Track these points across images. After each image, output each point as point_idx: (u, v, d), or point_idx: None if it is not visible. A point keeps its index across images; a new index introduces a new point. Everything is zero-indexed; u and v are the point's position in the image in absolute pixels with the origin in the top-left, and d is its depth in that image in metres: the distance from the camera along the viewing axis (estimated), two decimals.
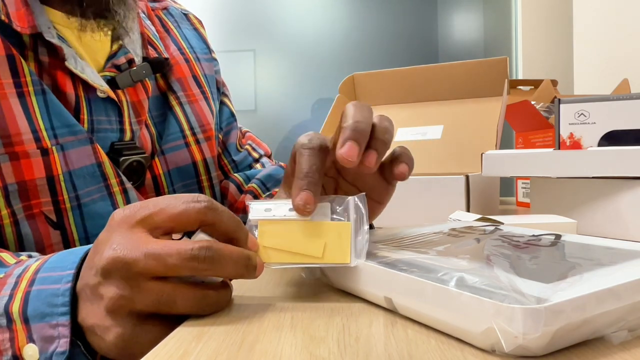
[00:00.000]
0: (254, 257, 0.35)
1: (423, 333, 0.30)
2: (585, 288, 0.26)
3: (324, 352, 0.27)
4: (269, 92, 2.13)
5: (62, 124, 0.51)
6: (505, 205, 1.01)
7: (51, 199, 0.51)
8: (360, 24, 2.10)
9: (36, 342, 0.35)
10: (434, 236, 0.42)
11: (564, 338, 0.25)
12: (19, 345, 0.36)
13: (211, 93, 0.72)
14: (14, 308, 0.36)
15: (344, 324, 0.32)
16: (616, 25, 1.60)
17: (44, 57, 0.52)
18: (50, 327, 0.35)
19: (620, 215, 0.57)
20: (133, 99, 0.59)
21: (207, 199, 0.34)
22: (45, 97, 0.51)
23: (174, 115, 0.65)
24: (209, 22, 0.80)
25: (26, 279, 0.37)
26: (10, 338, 0.36)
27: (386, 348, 0.27)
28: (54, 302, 0.35)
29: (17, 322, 0.36)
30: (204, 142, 0.67)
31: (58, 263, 0.37)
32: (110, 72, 0.58)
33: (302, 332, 0.30)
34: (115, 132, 0.57)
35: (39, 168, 0.50)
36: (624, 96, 0.62)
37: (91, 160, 0.53)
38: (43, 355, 0.35)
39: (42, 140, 0.50)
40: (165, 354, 0.28)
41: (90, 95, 0.55)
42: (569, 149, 0.64)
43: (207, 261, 0.32)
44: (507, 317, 0.24)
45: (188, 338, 0.30)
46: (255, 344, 0.29)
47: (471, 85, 0.92)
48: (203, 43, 0.75)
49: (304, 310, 0.35)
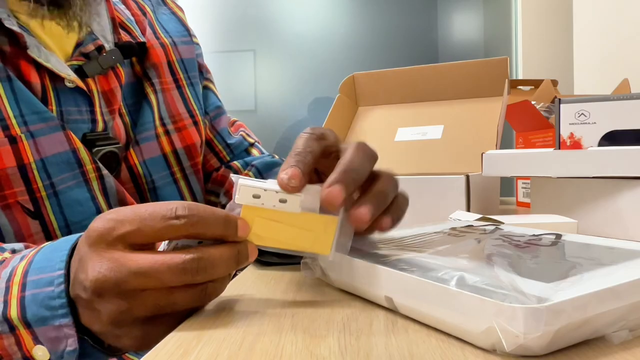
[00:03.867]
0: (243, 250, 0.34)
1: (424, 332, 0.30)
2: (585, 287, 0.26)
3: (324, 351, 0.27)
4: (269, 92, 2.13)
5: (30, 110, 0.50)
6: (505, 205, 1.01)
7: (25, 188, 0.50)
8: (360, 24, 2.10)
9: (44, 342, 0.35)
10: (434, 236, 0.42)
11: (564, 337, 0.25)
12: (27, 348, 0.36)
13: (189, 78, 0.69)
14: (12, 314, 0.36)
15: (344, 323, 0.32)
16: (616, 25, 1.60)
17: (4, 46, 0.51)
18: (55, 329, 0.35)
19: (620, 215, 0.57)
20: (104, 88, 0.58)
21: (185, 213, 0.32)
22: (11, 84, 0.49)
23: (148, 104, 0.63)
24: (209, 22, 0.81)
25: (16, 284, 0.37)
26: (16, 342, 0.36)
27: (387, 347, 0.27)
28: (51, 305, 0.35)
29: (19, 328, 0.36)
30: (174, 133, 0.65)
31: (45, 262, 0.37)
32: (78, 60, 0.56)
33: (302, 331, 0.30)
34: (87, 122, 0.56)
35: (8, 157, 0.49)
36: (624, 96, 0.62)
37: (64, 147, 0.52)
38: (54, 355, 0.35)
39: (10, 128, 0.49)
40: (165, 354, 0.28)
41: (57, 85, 0.53)
42: (569, 149, 0.64)
43: (200, 271, 0.31)
44: (508, 316, 0.24)
45: (188, 338, 0.30)
46: (255, 344, 0.29)
47: (471, 85, 0.92)
48: (182, 26, 0.72)
49: (304, 310, 0.35)
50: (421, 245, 0.39)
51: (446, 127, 0.90)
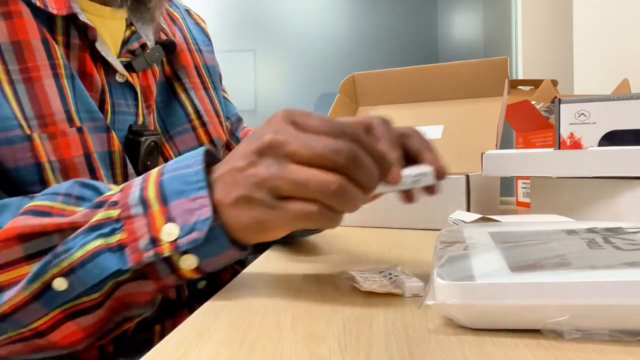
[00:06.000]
0: (388, 161, 0.38)
1: (424, 332, 0.30)
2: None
3: (324, 351, 0.27)
4: (269, 92, 2.13)
5: (84, 108, 0.52)
6: (505, 205, 1.01)
7: (90, 177, 0.51)
8: (360, 24, 2.10)
9: (176, 218, 0.37)
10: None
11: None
12: (157, 227, 0.37)
13: (213, 82, 0.73)
14: (150, 194, 0.38)
15: (344, 323, 0.32)
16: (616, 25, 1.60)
17: (75, 40, 0.53)
18: (190, 200, 0.37)
19: (620, 215, 0.57)
20: (143, 84, 0.60)
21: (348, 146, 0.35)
22: (73, 81, 0.52)
23: (179, 102, 0.66)
24: (209, 22, 0.81)
25: (153, 175, 0.40)
26: (147, 223, 0.37)
27: (387, 347, 0.27)
28: (189, 180, 0.38)
29: (153, 206, 0.38)
30: (210, 125, 0.68)
31: (180, 161, 0.40)
32: (126, 57, 0.59)
33: (302, 331, 0.30)
34: (133, 115, 0.58)
35: (76, 146, 0.50)
36: (624, 96, 0.63)
37: (103, 148, 0.54)
38: (185, 228, 0.37)
39: (74, 121, 0.51)
40: (166, 354, 0.28)
41: (109, 79, 0.56)
42: (569, 149, 0.64)
43: (350, 158, 0.35)
44: None
45: (188, 337, 0.30)
46: (255, 343, 0.29)
47: (471, 85, 0.92)
48: (205, 36, 0.76)
49: (305, 310, 0.35)
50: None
51: (446, 127, 0.90)
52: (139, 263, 0.37)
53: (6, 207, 0.42)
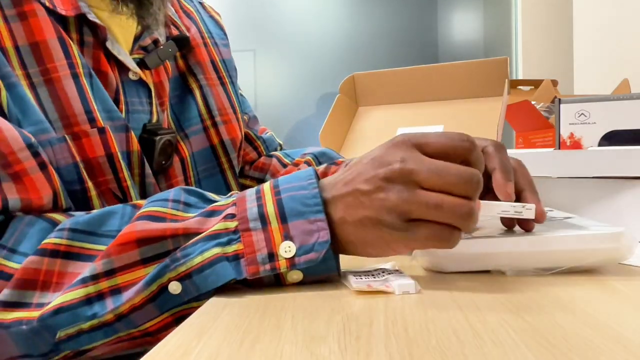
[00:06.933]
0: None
1: (424, 332, 0.30)
2: None
3: (324, 351, 0.27)
4: (269, 92, 2.13)
5: (103, 108, 0.52)
6: None
7: (114, 177, 0.52)
8: (360, 24, 2.10)
9: (295, 237, 0.39)
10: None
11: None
12: (275, 243, 0.39)
13: (230, 77, 0.73)
14: (269, 210, 0.40)
15: (344, 323, 0.32)
16: (616, 25, 1.61)
17: (88, 38, 0.53)
18: (309, 222, 0.39)
19: (620, 215, 0.57)
20: (155, 80, 0.60)
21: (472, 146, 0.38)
22: (92, 80, 0.52)
23: (193, 99, 0.66)
24: None
25: (268, 191, 0.41)
26: (265, 238, 0.39)
27: (387, 347, 0.27)
28: (307, 203, 0.40)
29: (272, 223, 0.39)
30: (222, 125, 0.68)
31: (291, 182, 0.42)
32: (138, 54, 0.58)
33: (302, 331, 0.30)
34: (147, 113, 0.58)
35: (98, 147, 0.51)
36: (624, 96, 0.63)
37: (122, 147, 0.54)
38: (303, 248, 0.39)
39: (96, 121, 0.51)
40: (166, 354, 0.28)
41: (123, 77, 0.56)
42: (569, 149, 0.64)
43: (478, 187, 0.37)
44: None
45: (188, 337, 0.30)
46: (255, 343, 0.29)
47: (471, 85, 0.92)
48: (220, 30, 0.76)
49: (304, 310, 0.35)
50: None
51: (446, 127, 0.90)
52: (255, 274, 0.39)
53: (113, 214, 0.44)
